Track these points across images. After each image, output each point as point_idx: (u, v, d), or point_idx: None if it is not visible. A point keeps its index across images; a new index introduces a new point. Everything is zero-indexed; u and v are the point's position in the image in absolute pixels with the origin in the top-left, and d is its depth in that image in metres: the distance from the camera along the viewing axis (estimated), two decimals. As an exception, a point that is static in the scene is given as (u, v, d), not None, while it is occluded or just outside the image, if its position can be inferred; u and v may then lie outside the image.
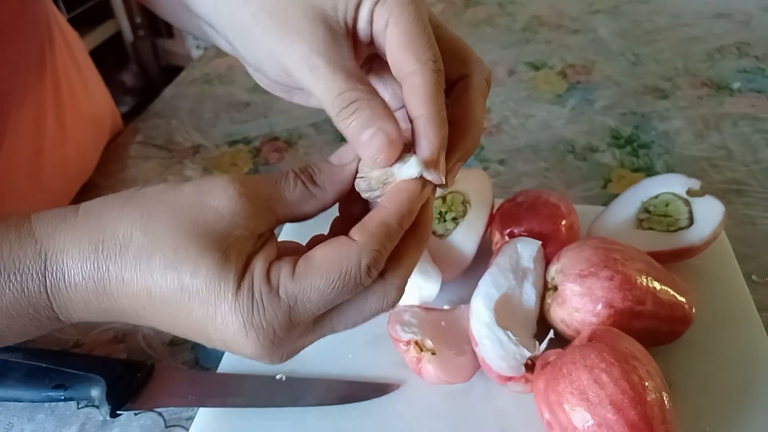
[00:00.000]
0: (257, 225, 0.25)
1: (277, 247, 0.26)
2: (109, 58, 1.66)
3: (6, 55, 0.40)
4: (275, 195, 0.25)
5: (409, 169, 0.26)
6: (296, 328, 0.25)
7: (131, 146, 0.61)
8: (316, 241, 0.27)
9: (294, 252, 0.26)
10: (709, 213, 0.41)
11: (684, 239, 0.41)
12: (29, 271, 0.24)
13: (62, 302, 0.25)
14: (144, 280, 0.24)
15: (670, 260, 0.41)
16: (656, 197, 0.43)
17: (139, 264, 0.24)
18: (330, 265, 0.24)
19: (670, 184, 0.43)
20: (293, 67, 0.26)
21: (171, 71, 1.77)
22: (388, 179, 0.26)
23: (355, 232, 0.25)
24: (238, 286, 0.23)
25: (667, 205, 0.43)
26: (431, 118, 0.25)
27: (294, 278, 0.24)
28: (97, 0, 1.67)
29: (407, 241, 0.26)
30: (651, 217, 0.43)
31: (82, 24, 0.51)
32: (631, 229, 0.43)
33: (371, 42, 0.28)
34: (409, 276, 0.27)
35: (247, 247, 0.24)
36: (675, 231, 0.41)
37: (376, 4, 0.26)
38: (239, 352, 0.25)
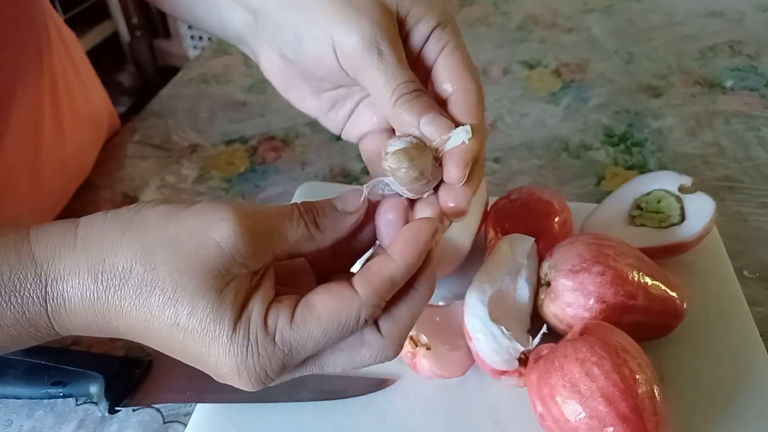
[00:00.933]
0: (255, 263, 0.25)
1: (274, 283, 0.26)
2: (105, 59, 1.66)
3: (4, 56, 0.41)
4: (277, 234, 0.25)
5: (460, 135, 0.27)
6: (287, 369, 0.25)
7: (128, 146, 0.61)
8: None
9: (291, 274, 0.27)
10: (700, 209, 0.42)
11: (676, 235, 0.41)
12: (30, 294, 0.24)
13: (63, 323, 0.25)
14: (142, 313, 0.24)
15: (662, 256, 0.41)
16: (648, 194, 0.44)
17: (139, 298, 0.24)
18: (329, 317, 0.24)
19: (662, 181, 0.44)
20: (353, 45, 0.27)
21: (168, 71, 1.77)
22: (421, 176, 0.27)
23: (358, 282, 0.25)
24: (234, 329, 0.24)
25: (659, 201, 0.43)
26: (479, 128, 0.28)
27: (292, 326, 0.24)
28: (93, 0, 1.67)
29: (410, 296, 0.27)
30: (643, 213, 0.43)
31: (78, 24, 0.52)
32: (624, 226, 0.43)
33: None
34: (407, 333, 0.27)
35: (244, 287, 0.24)
36: (667, 227, 0.42)
37: (437, 25, 0.29)
38: (230, 384, 0.25)
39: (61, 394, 0.38)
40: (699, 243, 0.42)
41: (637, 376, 0.31)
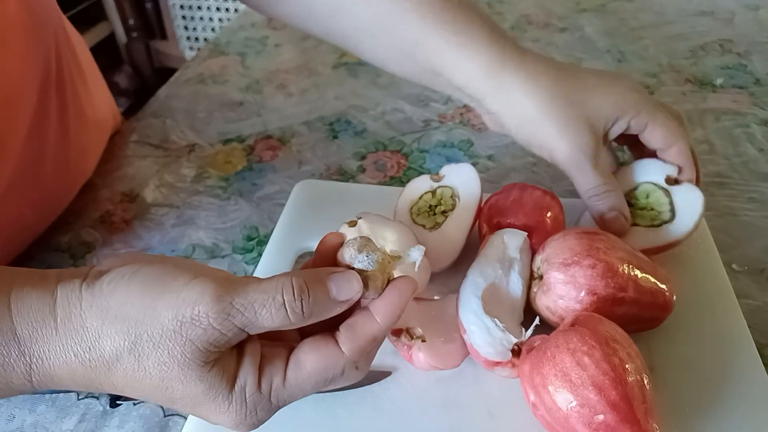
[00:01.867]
0: (233, 342, 0.26)
1: (257, 342, 0.27)
2: (102, 60, 1.66)
3: (14, 58, 0.41)
4: (252, 322, 0.25)
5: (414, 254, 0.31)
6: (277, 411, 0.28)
7: (127, 146, 0.62)
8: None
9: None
10: (690, 203, 0.42)
11: (669, 234, 0.41)
12: (14, 369, 0.25)
13: (48, 387, 0.26)
14: (135, 390, 0.26)
15: (655, 254, 0.42)
16: (636, 188, 0.43)
17: (130, 379, 0.25)
18: (318, 374, 0.27)
19: (648, 173, 0.43)
20: (559, 154, 0.41)
21: (164, 73, 1.78)
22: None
23: (344, 342, 0.27)
24: (230, 401, 0.26)
25: (647, 196, 0.43)
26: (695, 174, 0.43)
27: (285, 386, 0.27)
28: (90, 2, 1.68)
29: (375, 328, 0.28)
30: (634, 210, 0.43)
31: (75, 26, 0.52)
32: None
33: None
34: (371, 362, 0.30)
35: (229, 363, 0.26)
36: (659, 225, 0.42)
37: (632, 118, 0.41)
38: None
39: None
40: (690, 236, 0.43)
41: (627, 366, 0.32)
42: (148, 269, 0.26)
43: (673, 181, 0.43)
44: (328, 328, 0.28)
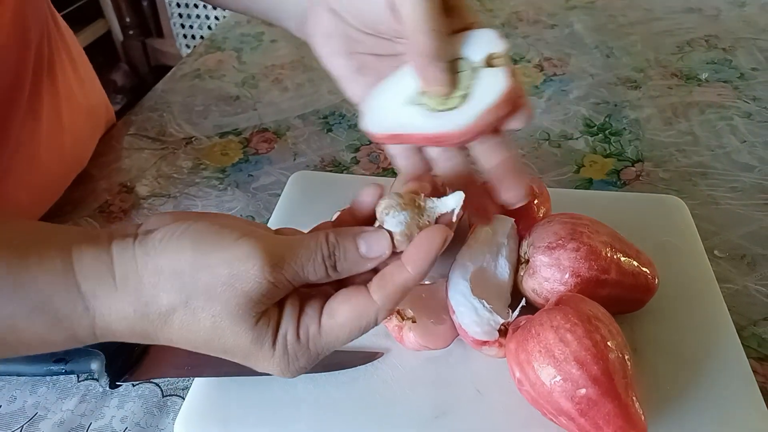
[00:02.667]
0: (279, 297, 0.28)
1: (296, 299, 0.29)
2: (99, 58, 1.67)
3: (11, 46, 0.42)
4: (300, 276, 0.27)
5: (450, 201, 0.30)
6: (318, 360, 0.30)
7: (125, 138, 0.63)
8: (324, 227, 0.31)
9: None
10: (486, 91, 0.31)
11: (445, 123, 0.31)
12: (80, 322, 0.27)
13: (107, 339, 0.28)
14: (188, 341, 0.28)
15: (427, 143, 0.34)
16: (450, 63, 0.32)
17: (184, 332, 0.27)
18: (351, 323, 0.28)
19: (470, 45, 0.32)
20: None
21: (161, 70, 1.78)
22: (424, 221, 0.30)
23: (375, 289, 0.28)
24: (273, 350, 0.28)
25: (455, 73, 0.32)
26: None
27: (321, 335, 0.28)
28: (86, 0, 1.68)
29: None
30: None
31: (71, 24, 0.53)
32: (402, 104, 0.33)
33: None
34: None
35: (274, 316, 0.28)
36: (442, 111, 0.32)
37: None
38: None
39: (63, 371, 0.39)
40: (472, 137, 0.32)
41: (609, 342, 0.33)
42: (196, 227, 0.27)
43: (493, 63, 0.32)
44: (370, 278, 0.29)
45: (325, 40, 0.35)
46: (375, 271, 0.29)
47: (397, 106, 0.33)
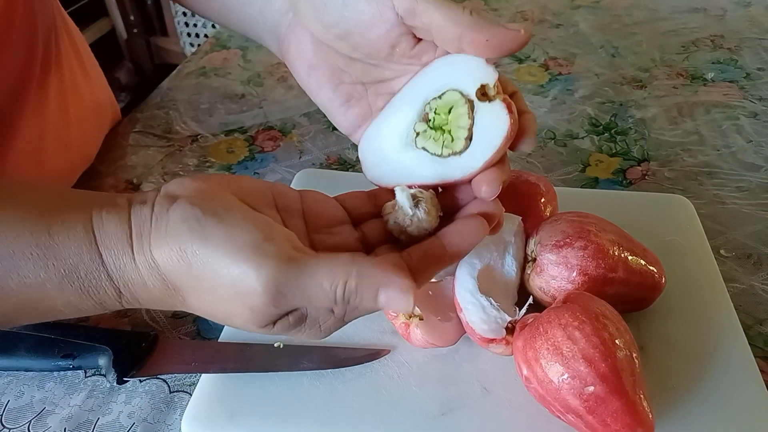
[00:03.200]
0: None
1: None
2: (103, 56, 1.67)
3: (20, 43, 0.43)
4: (302, 305, 0.27)
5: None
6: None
7: (130, 135, 0.63)
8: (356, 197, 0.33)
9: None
10: (490, 129, 0.30)
11: (451, 169, 0.31)
12: (106, 292, 0.27)
13: (133, 305, 0.28)
14: (208, 315, 0.28)
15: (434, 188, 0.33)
16: (441, 96, 0.32)
17: (203, 308, 0.28)
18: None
19: (460, 75, 0.31)
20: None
21: (165, 69, 1.78)
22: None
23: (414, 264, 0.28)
24: (300, 327, 0.28)
25: (449, 111, 0.31)
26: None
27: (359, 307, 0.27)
28: (90, -2, 1.69)
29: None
30: (428, 130, 0.32)
31: (76, 22, 0.53)
32: (401, 149, 0.33)
33: None
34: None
35: (294, 311, 0.28)
36: (446, 156, 0.31)
37: None
38: None
39: (71, 367, 0.40)
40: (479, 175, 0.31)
41: (616, 340, 0.33)
42: (212, 224, 0.26)
43: (486, 96, 0.30)
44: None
45: (308, 71, 0.35)
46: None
47: (397, 151, 0.33)
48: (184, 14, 1.78)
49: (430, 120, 0.32)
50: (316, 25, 0.33)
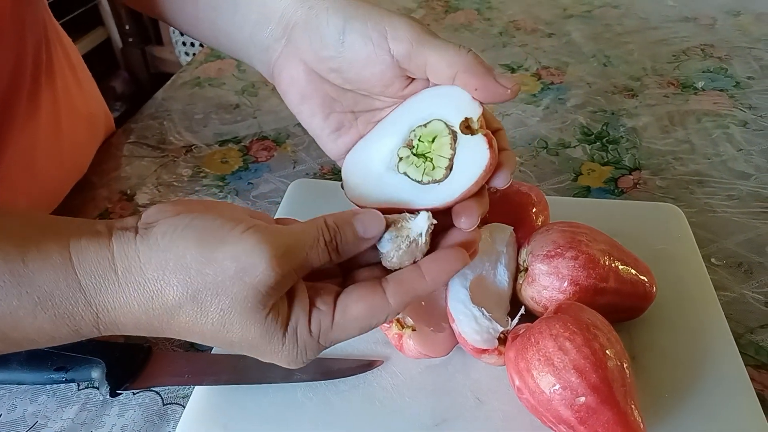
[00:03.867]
0: (287, 288, 0.28)
1: (305, 288, 0.29)
2: (98, 65, 1.67)
3: (9, 52, 0.43)
4: (305, 265, 0.28)
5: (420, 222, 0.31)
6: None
7: (124, 146, 0.63)
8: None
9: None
10: (469, 163, 0.31)
11: (431, 197, 0.32)
12: (82, 317, 0.27)
13: (112, 332, 0.28)
14: (195, 333, 0.28)
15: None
16: (426, 125, 0.33)
17: (191, 326, 0.27)
18: (364, 319, 0.29)
19: (446, 107, 0.32)
20: (408, 29, 0.31)
21: (160, 78, 1.79)
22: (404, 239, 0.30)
23: (392, 292, 0.29)
24: (283, 342, 0.28)
25: (433, 139, 0.32)
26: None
27: (333, 329, 0.29)
28: (86, 7, 1.69)
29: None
30: (411, 157, 0.33)
31: (71, 31, 0.53)
32: (384, 172, 0.34)
33: None
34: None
35: (283, 308, 0.28)
36: (426, 183, 0.32)
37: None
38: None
39: (64, 380, 0.39)
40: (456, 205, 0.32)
41: (607, 351, 0.33)
42: (200, 221, 0.27)
43: (469, 129, 0.31)
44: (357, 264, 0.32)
45: (300, 99, 0.35)
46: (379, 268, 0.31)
47: (379, 175, 0.34)
48: (180, 23, 1.79)
49: (413, 147, 0.33)
50: (311, 56, 0.34)
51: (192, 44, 1.79)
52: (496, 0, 0.91)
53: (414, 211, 0.32)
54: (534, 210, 0.44)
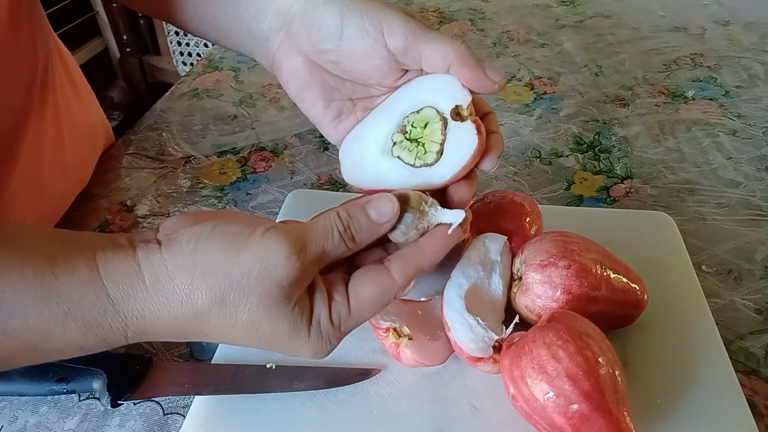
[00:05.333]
0: (308, 282, 0.30)
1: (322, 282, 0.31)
2: (96, 75, 1.68)
3: (23, 70, 0.43)
4: (324, 257, 0.30)
5: (450, 215, 0.32)
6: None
7: (124, 158, 0.64)
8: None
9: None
10: (459, 148, 0.33)
11: (422, 177, 0.34)
12: (111, 327, 0.27)
13: (141, 340, 0.29)
14: (225, 336, 0.29)
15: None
16: (419, 112, 0.34)
17: (221, 327, 0.28)
18: (376, 301, 0.31)
19: (438, 94, 0.34)
20: (402, 23, 0.32)
21: (158, 87, 1.80)
22: (423, 225, 0.32)
23: (395, 270, 0.30)
24: (309, 334, 0.30)
25: (425, 125, 0.34)
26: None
27: (351, 316, 0.30)
28: (83, 18, 1.70)
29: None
30: (404, 141, 0.35)
31: (68, 41, 0.54)
32: (378, 156, 0.35)
33: None
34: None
35: (306, 303, 0.30)
36: (419, 167, 0.34)
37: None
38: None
39: (65, 390, 0.40)
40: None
41: (599, 358, 0.34)
42: (223, 227, 0.28)
43: (459, 116, 0.33)
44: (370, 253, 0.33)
45: (300, 88, 0.36)
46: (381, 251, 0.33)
47: (374, 157, 0.35)
48: (177, 33, 1.80)
49: (407, 132, 0.35)
50: (309, 48, 0.35)
51: (189, 54, 1.80)
52: (489, 11, 0.92)
53: (424, 192, 0.33)
54: (527, 219, 0.45)
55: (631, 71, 0.75)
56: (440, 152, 0.34)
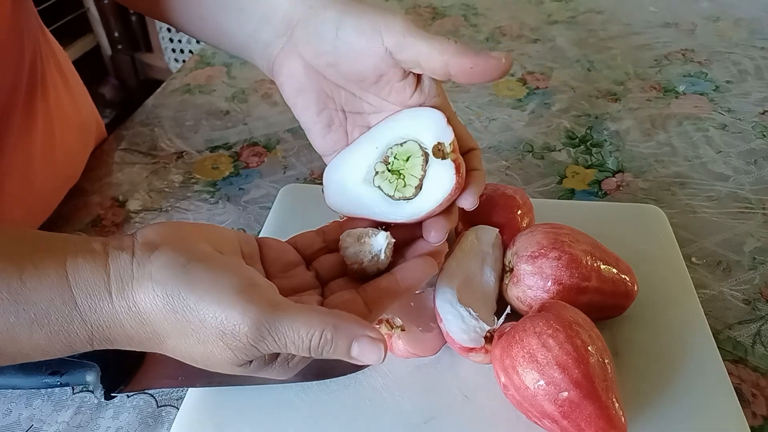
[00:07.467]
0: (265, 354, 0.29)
1: None
2: (87, 72, 1.66)
3: (7, 64, 0.43)
4: (282, 347, 0.28)
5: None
6: None
7: (116, 153, 0.64)
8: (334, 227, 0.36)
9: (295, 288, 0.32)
10: (437, 186, 0.34)
11: (400, 212, 0.35)
12: (77, 334, 0.27)
13: (107, 347, 0.29)
14: (185, 359, 0.29)
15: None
16: (403, 144, 0.35)
17: (180, 353, 0.29)
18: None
19: (422, 129, 0.34)
20: (401, 24, 0.32)
21: (150, 84, 1.79)
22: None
23: (369, 299, 0.31)
24: (272, 368, 0.30)
25: (407, 159, 0.35)
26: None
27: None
28: (74, 14, 1.69)
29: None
30: (386, 172, 0.35)
31: (60, 38, 0.54)
32: (360, 184, 0.36)
33: None
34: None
35: (269, 354, 0.29)
36: (398, 199, 0.35)
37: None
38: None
39: (59, 384, 0.40)
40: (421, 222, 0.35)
41: (589, 347, 0.35)
42: (198, 268, 0.27)
43: (440, 153, 0.34)
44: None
45: (296, 93, 0.36)
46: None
47: (356, 184, 0.36)
48: (169, 30, 1.79)
49: (389, 163, 0.35)
50: (309, 52, 0.35)
51: (181, 51, 1.79)
52: (482, 6, 0.92)
53: (383, 224, 0.34)
54: (519, 212, 0.45)
55: (622, 66, 0.76)
56: (419, 187, 0.34)
